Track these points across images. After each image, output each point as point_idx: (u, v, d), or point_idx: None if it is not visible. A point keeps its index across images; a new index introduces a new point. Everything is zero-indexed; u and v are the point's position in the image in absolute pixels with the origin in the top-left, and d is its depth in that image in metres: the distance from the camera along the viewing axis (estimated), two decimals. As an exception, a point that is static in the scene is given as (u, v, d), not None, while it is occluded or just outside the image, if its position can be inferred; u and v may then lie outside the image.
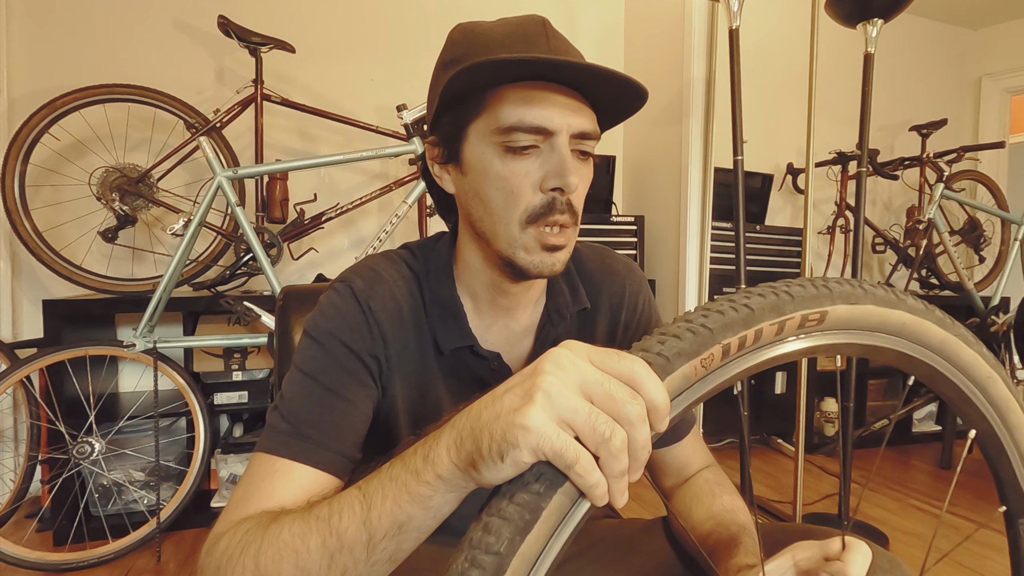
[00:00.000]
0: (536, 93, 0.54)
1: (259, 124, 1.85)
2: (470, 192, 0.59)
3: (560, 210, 0.55)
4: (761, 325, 0.34)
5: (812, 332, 0.36)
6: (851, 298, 0.36)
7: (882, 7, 1.54)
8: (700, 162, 2.16)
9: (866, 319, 0.37)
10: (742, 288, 0.37)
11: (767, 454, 2.46)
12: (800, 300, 0.35)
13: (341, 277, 0.63)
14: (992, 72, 3.29)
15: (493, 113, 0.55)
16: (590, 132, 0.56)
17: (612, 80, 0.52)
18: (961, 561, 1.55)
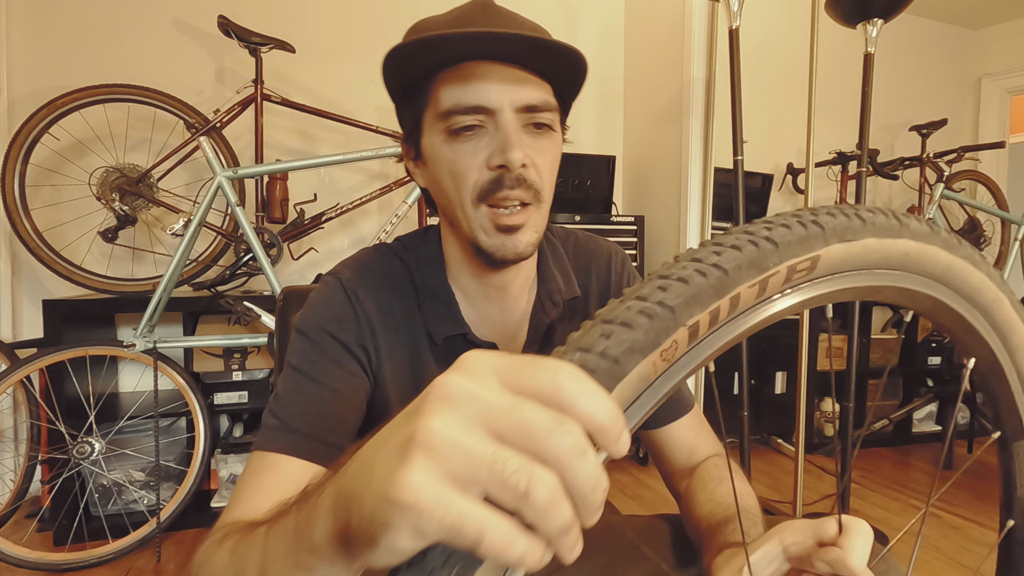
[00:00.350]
0: (473, 73, 0.53)
1: (259, 124, 1.85)
2: (432, 183, 0.60)
3: (509, 185, 0.54)
4: (737, 290, 0.27)
5: (801, 284, 0.30)
6: (847, 233, 0.30)
7: (882, 7, 1.54)
8: (700, 162, 2.16)
9: (865, 256, 0.31)
10: (709, 240, 0.29)
11: (767, 454, 2.46)
12: (785, 247, 0.28)
13: (330, 271, 0.64)
14: (992, 72, 3.29)
15: (435, 100, 0.55)
16: (539, 104, 0.55)
17: (544, 48, 0.51)
18: (961, 561, 1.55)
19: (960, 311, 0.36)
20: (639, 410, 0.26)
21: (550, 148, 0.58)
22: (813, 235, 0.29)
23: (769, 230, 0.28)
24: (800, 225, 0.29)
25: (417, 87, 0.57)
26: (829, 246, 0.29)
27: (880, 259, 0.32)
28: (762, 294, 0.28)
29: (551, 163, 0.59)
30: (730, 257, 0.27)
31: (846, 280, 0.31)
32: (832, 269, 0.30)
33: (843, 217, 0.30)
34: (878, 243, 0.31)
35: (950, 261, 0.34)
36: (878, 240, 0.31)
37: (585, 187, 2.27)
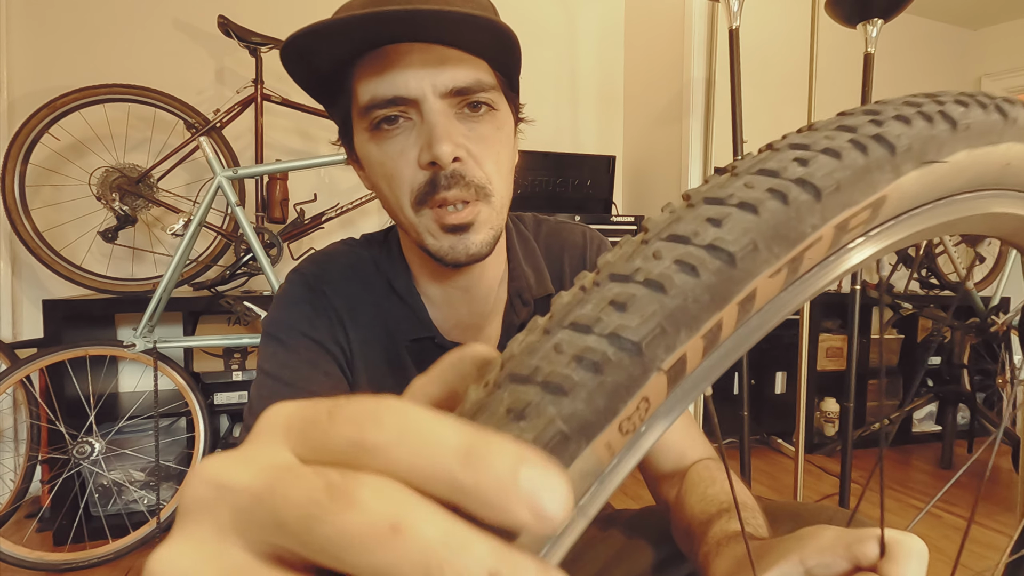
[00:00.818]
0: (389, 59, 0.47)
1: (259, 124, 1.85)
2: (372, 187, 0.55)
3: (445, 185, 0.48)
4: (753, 284, 0.16)
5: (851, 246, 0.19)
6: (930, 147, 0.19)
7: (882, 7, 1.54)
8: (700, 162, 2.16)
9: (952, 179, 0.21)
10: (703, 186, 0.18)
11: (767, 454, 2.46)
12: (830, 195, 0.17)
13: (294, 268, 0.60)
14: (992, 72, 3.29)
15: (355, 96, 0.50)
16: (470, 85, 0.48)
17: (460, 23, 0.45)
18: (961, 561, 1.55)
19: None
20: (595, 500, 0.15)
21: (493, 134, 0.51)
22: (877, 163, 0.18)
23: (804, 164, 0.17)
24: (854, 148, 0.18)
25: (336, 81, 0.51)
26: (900, 177, 0.19)
27: (973, 178, 0.21)
28: (792, 276, 0.18)
29: (496, 151, 0.51)
30: (738, 227, 0.16)
31: (916, 222, 0.21)
32: (901, 208, 0.20)
33: (924, 121, 0.19)
34: (973, 156, 0.21)
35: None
36: (972, 152, 0.20)
37: (585, 187, 2.27)
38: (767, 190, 0.17)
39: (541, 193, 2.21)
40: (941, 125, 0.19)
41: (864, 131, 0.19)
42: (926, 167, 0.19)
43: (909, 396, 2.65)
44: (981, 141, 0.21)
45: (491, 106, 0.51)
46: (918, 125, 0.19)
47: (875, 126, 0.19)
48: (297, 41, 0.45)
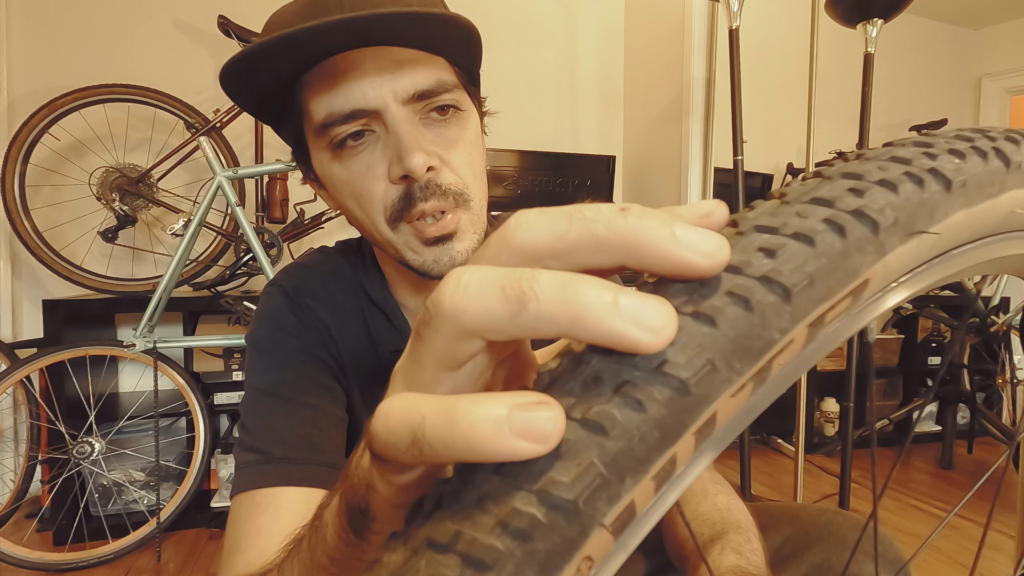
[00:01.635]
0: (339, 69, 0.44)
1: (259, 124, 1.85)
2: (340, 207, 0.51)
3: (421, 197, 0.45)
4: (711, 409, 0.14)
5: (845, 317, 0.16)
6: (920, 215, 0.17)
7: (882, 7, 1.54)
8: (700, 162, 2.16)
9: (946, 242, 0.18)
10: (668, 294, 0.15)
11: (767, 454, 2.46)
12: (813, 284, 0.15)
13: (271, 280, 0.57)
14: (992, 72, 3.29)
15: (309, 114, 0.46)
16: (433, 87, 0.45)
17: (413, 21, 0.41)
18: (962, 561, 1.55)
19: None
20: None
21: (462, 135, 0.48)
22: (857, 245, 0.15)
23: (782, 247, 0.15)
24: (833, 231, 0.15)
25: (281, 101, 0.48)
26: (885, 257, 0.16)
27: (968, 236, 0.19)
28: (762, 375, 0.15)
29: (468, 153, 0.49)
30: (698, 340, 0.14)
31: (905, 288, 0.18)
32: (886, 283, 0.17)
33: (911, 186, 0.17)
34: (967, 217, 0.18)
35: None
36: (968, 212, 0.18)
37: (585, 187, 2.27)
38: (738, 297, 0.14)
39: (541, 193, 2.21)
40: (933, 187, 0.17)
41: (844, 204, 0.16)
42: (914, 238, 0.17)
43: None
44: (980, 197, 0.18)
45: (457, 107, 0.48)
46: (906, 190, 0.17)
47: (856, 196, 0.16)
48: (236, 66, 0.42)
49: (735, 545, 0.44)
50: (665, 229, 0.14)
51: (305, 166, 0.52)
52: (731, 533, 0.46)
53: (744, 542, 0.44)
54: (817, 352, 0.16)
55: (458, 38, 0.46)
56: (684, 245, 0.14)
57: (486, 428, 0.13)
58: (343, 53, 0.44)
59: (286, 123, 0.50)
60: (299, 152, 0.52)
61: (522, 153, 2.18)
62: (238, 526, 0.46)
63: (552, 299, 0.14)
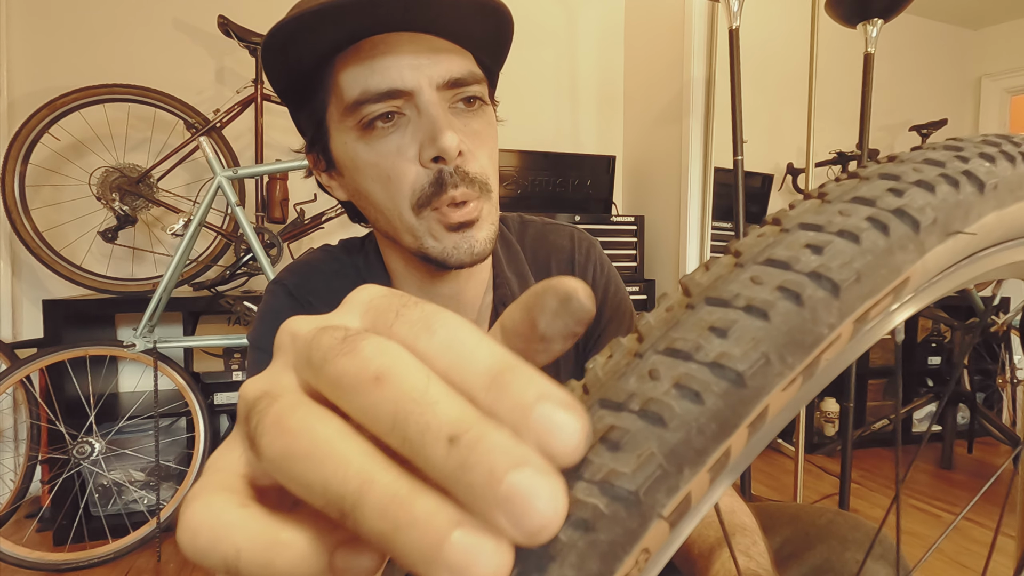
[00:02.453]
0: (378, 49, 0.44)
1: (259, 124, 1.85)
2: (354, 194, 0.51)
3: (453, 183, 0.46)
4: (764, 402, 0.14)
5: (884, 315, 0.17)
6: (956, 216, 0.17)
7: (882, 7, 1.54)
8: (700, 162, 2.16)
9: (980, 242, 0.19)
10: (709, 278, 0.16)
11: (767, 454, 2.46)
12: (860, 280, 0.15)
13: (274, 278, 0.57)
14: (992, 72, 3.29)
15: (337, 93, 0.46)
16: (465, 76, 0.46)
17: (462, 5, 0.42)
18: (961, 561, 1.55)
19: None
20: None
21: (486, 128, 0.49)
22: (899, 244, 0.16)
23: (823, 247, 0.15)
24: (877, 228, 0.16)
25: (310, 80, 0.48)
26: (924, 255, 0.17)
27: (1005, 232, 0.20)
28: (811, 370, 0.15)
29: (490, 147, 0.50)
30: (741, 338, 0.14)
31: (938, 288, 0.19)
32: (924, 282, 0.18)
33: (947, 187, 0.17)
34: (998, 219, 0.19)
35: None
36: (999, 214, 0.19)
37: (585, 187, 2.27)
38: (782, 295, 0.15)
39: (541, 193, 2.21)
40: (968, 188, 0.17)
41: (885, 203, 0.16)
42: (952, 238, 0.17)
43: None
44: (1011, 199, 0.19)
45: (483, 100, 0.49)
46: (943, 191, 0.17)
47: (896, 196, 0.16)
48: (281, 32, 0.42)
49: (743, 548, 0.44)
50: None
51: (321, 152, 0.52)
52: (738, 536, 0.46)
53: (751, 544, 0.44)
54: (857, 348, 0.16)
55: (492, 32, 0.47)
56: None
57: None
58: (383, 35, 0.44)
59: (308, 104, 0.50)
60: (317, 137, 0.51)
61: (522, 153, 2.18)
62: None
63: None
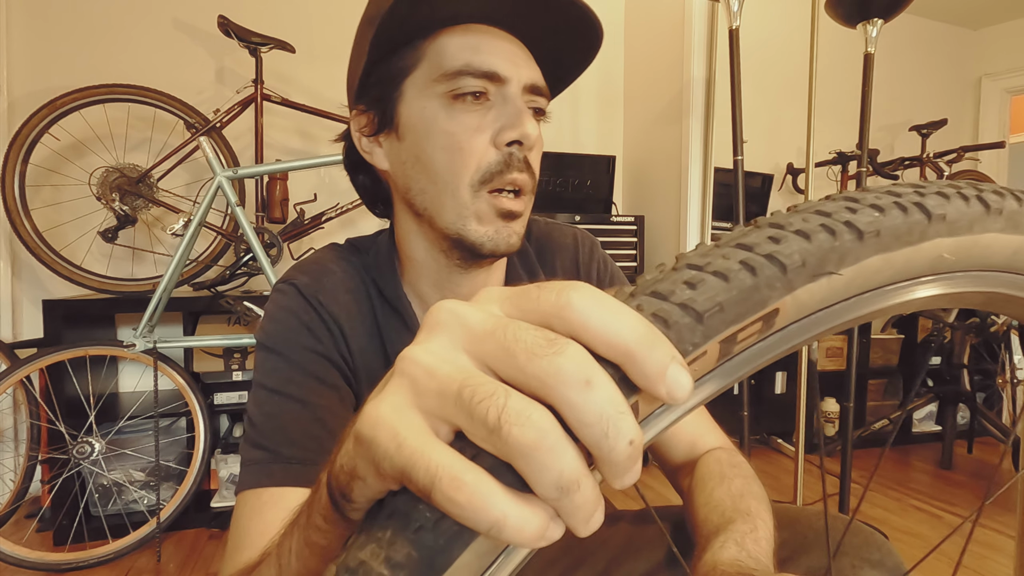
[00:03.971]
0: (481, 37, 0.48)
1: (259, 124, 1.85)
2: (409, 160, 0.52)
3: (519, 168, 0.49)
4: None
5: (750, 346, 0.21)
6: (827, 263, 0.21)
7: (882, 7, 1.54)
8: (700, 162, 2.16)
9: (855, 285, 0.22)
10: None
11: (767, 454, 2.46)
12: (728, 306, 0.19)
13: (283, 277, 0.57)
14: (992, 72, 3.29)
15: (433, 60, 0.49)
16: (542, 87, 0.51)
17: (569, 12, 0.47)
18: (962, 561, 1.55)
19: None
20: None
21: (541, 140, 0.53)
22: (765, 282, 0.20)
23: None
24: (746, 269, 0.20)
25: (399, 45, 0.50)
26: (791, 293, 0.20)
27: (897, 272, 0.22)
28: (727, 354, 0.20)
29: (540, 154, 0.54)
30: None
31: (823, 321, 0.22)
32: (795, 317, 0.22)
33: (825, 235, 0.21)
34: (884, 261, 0.22)
35: (1017, 245, 0.24)
36: (885, 257, 0.21)
37: (585, 187, 2.27)
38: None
39: (541, 193, 2.21)
40: (846, 236, 0.21)
41: (760, 248, 0.20)
42: (824, 278, 0.20)
43: (910, 398, 2.65)
44: (903, 243, 0.22)
45: (543, 112, 0.53)
46: (819, 239, 0.20)
47: (772, 243, 0.20)
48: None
49: (738, 537, 0.44)
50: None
51: (380, 112, 0.53)
52: (738, 522, 0.45)
53: (749, 531, 0.44)
54: (761, 354, 0.21)
55: (562, 79, 0.55)
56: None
57: (494, 516, 0.15)
58: (488, 26, 0.49)
59: (391, 61, 0.51)
60: (384, 95, 0.52)
61: (522, 153, 2.18)
62: (243, 523, 0.46)
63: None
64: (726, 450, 0.58)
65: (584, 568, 0.59)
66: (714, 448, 0.59)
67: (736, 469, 0.54)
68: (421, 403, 0.17)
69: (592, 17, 0.49)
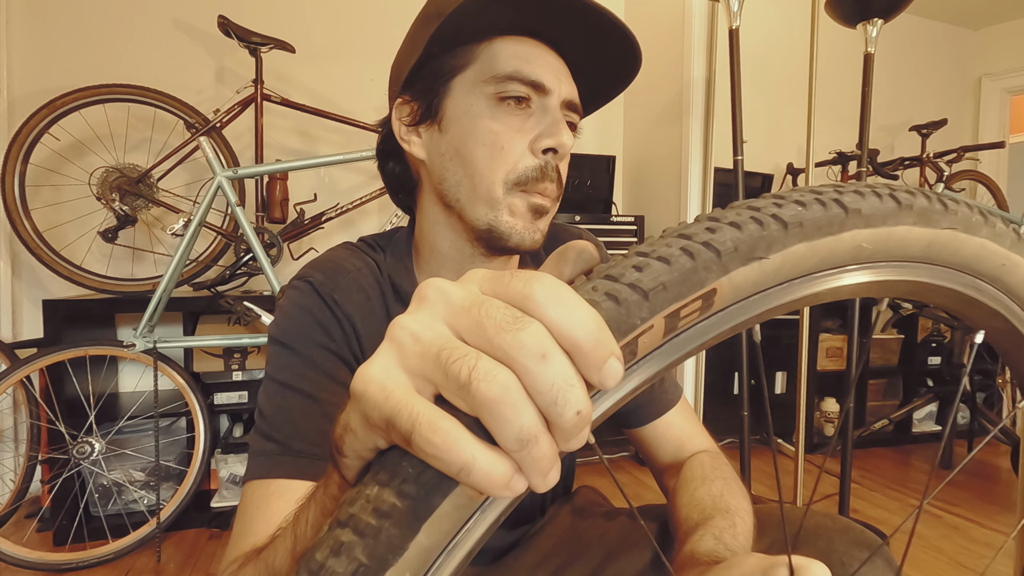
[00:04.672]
0: (531, 49, 0.53)
1: (259, 124, 1.85)
2: (448, 152, 0.54)
3: (551, 178, 0.53)
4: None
5: (686, 328, 0.24)
6: (757, 249, 0.23)
7: (882, 7, 1.54)
8: (700, 162, 2.16)
9: (790, 269, 0.25)
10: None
11: (767, 454, 2.46)
12: (670, 285, 0.22)
13: (299, 274, 0.58)
14: (992, 72, 3.29)
15: (486, 63, 0.52)
16: (577, 104, 0.55)
17: (613, 37, 0.51)
18: (961, 561, 1.55)
19: (954, 287, 0.30)
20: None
21: (569, 153, 0.56)
22: (704, 264, 0.23)
23: (639, 271, 0.22)
24: (687, 255, 0.22)
25: (456, 44, 0.53)
26: (729, 273, 0.23)
27: (818, 263, 0.25)
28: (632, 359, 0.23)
29: (567, 166, 0.58)
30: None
31: (758, 304, 0.25)
32: (737, 297, 0.24)
33: (754, 225, 0.23)
34: (809, 248, 0.24)
35: (931, 237, 0.27)
36: (809, 245, 0.24)
37: (585, 187, 2.27)
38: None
39: (541, 193, 2.20)
40: (772, 226, 0.24)
41: (698, 237, 0.23)
42: (755, 262, 0.23)
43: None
44: (824, 232, 0.25)
45: (575, 127, 0.57)
46: (749, 228, 0.23)
47: (709, 232, 0.23)
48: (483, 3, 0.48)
49: (717, 531, 0.46)
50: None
51: (427, 103, 0.55)
52: (717, 518, 0.48)
53: (727, 527, 0.46)
54: (706, 332, 0.24)
55: (597, 100, 0.59)
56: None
57: (465, 461, 0.18)
58: (545, 46, 0.53)
59: (443, 58, 0.53)
60: (433, 87, 0.54)
61: (522, 153, 2.18)
62: (249, 512, 0.47)
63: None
64: (710, 453, 0.61)
65: (581, 562, 0.60)
66: (699, 451, 0.62)
67: (718, 471, 0.57)
68: (406, 363, 0.20)
69: (634, 46, 0.52)
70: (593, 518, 0.67)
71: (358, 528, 0.19)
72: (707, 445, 0.64)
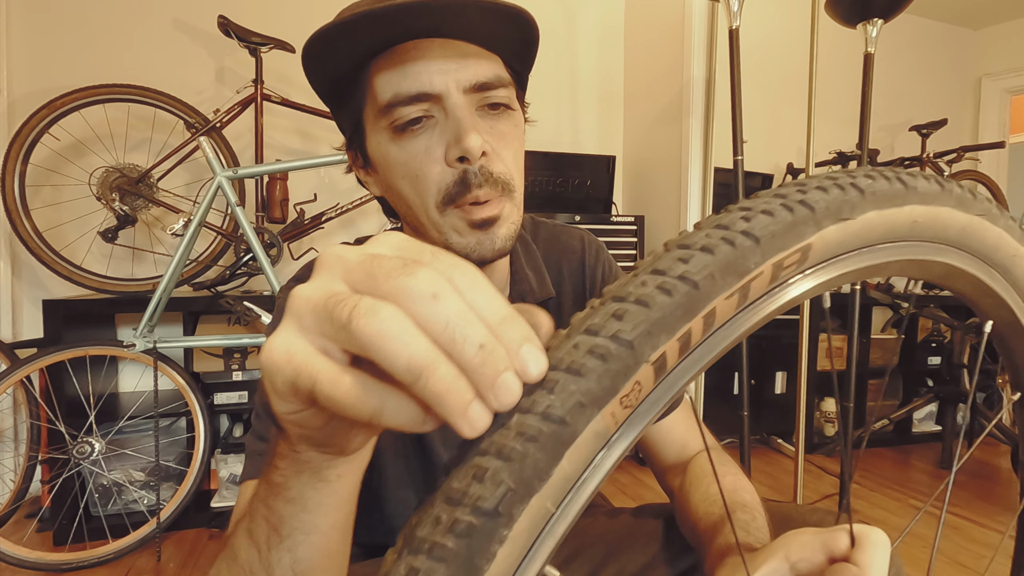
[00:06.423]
0: (408, 56, 0.47)
1: (259, 124, 1.85)
2: (388, 190, 0.54)
3: (477, 183, 0.48)
4: (712, 304, 0.21)
5: (790, 280, 0.24)
6: (843, 210, 0.24)
7: (882, 7, 1.54)
8: (700, 162, 2.16)
9: (867, 233, 0.26)
10: (677, 238, 0.23)
11: (767, 454, 2.46)
12: (768, 240, 0.22)
13: (297, 274, 0.58)
14: (992, 72, 3.29)
15: (372, 95, 0.49)
16: (491, 80, 0.49)
17: (488, 12, 0.45)
18: (961, 561, 1.55)
19: (977, 274, 0.31)
20: (600, 468, 0.20)
21: (512, 131, 0.52)
22: (802, 219, 0.23)
23: (747, 219, 0.23)
24: (785, 209, 0.23)
25: (349, 82, 0.51)
26: (822, 230, 0.24)
27: (885, 233, 0.26)
28: (743, 302, 0.23)
29: (515, 148, 0.52)
30: (698, 263, 0.21)
31: (843, 264, 0.26)
32: (827, 254, 0.25)
33: (837, 190, 0.25)
34: (881, 216, 0.26)
35: (966, 221, 0.29)
36: (880, 212, 0.26)
37: (585, 187, 2.27)
38: (721, 241, 0.22)
39: (541, 193, 2.21)
40: (853, 194, 0.25)
41: (797, 196, 0.24)
42: (841, 223, 0.24)
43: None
44: (887, 203, 0.26)
45: (508, 106, 0.51)
46: (834, 192, 0.25)
47: (803, 193, 0.24)
48: (322, 37, 0.46)
49: (742, 524, 0.46)
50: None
51: (359, 150, 0.55)
52: (738, 512, 0.48)
53: (750, 520, 0.47)
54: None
55: (519, 37, 0.50)
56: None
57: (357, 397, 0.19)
58: (414, 42, 0.47)
59: (347, 105, 0.52)
60: (355, 136, 0.54)
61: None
62: (242, 510, 0.47)
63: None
64: (714, 450, 0.61)
65: (582, 558, 0.61)
66: (703, 450, 0.62)
67: (725, 467, 0.57)
68: (302, 324, 0.20)
69: (512, 11, 0.46)
70: (594, 517, 0.67)
71: (503, 453, 0.18)
72: (710, 443, 0.64)
